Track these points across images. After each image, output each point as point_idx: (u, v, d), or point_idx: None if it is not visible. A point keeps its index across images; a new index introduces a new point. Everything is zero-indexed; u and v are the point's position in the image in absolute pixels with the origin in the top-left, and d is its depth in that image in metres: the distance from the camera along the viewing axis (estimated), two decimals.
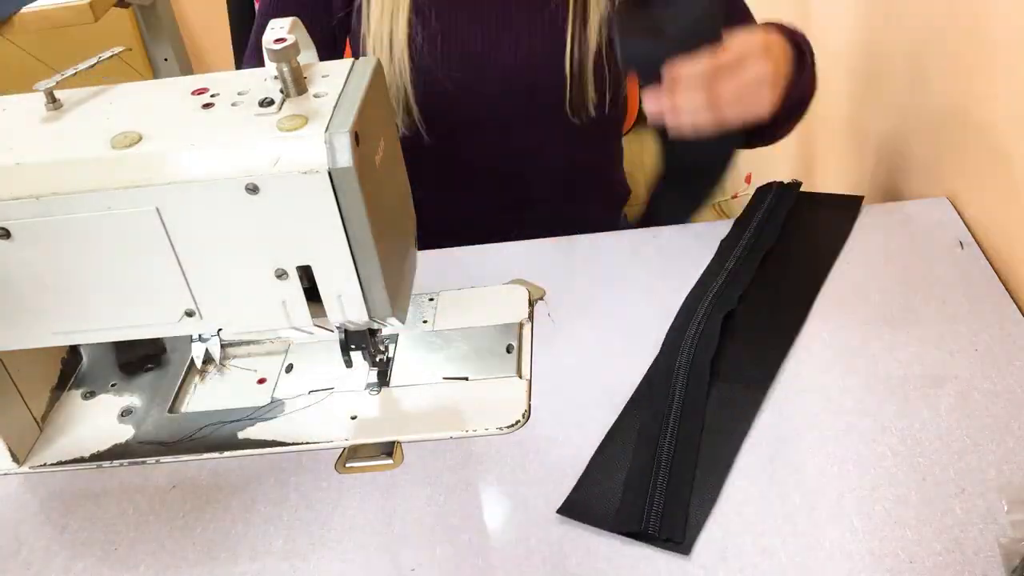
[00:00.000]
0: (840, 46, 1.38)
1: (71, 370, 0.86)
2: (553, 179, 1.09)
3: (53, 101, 0.65)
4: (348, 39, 1.05)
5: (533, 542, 0.65)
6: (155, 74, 2.50)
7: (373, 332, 0.75)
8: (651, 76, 0.76)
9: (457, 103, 1.00)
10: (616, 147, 1.19)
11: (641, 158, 2.78)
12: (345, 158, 0.58)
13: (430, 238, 0.91)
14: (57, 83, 0.65)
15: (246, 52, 1.07)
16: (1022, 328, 0.77)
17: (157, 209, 0.61)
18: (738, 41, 0.76)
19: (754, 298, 0.82)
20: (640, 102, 0.97)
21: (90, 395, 0.84)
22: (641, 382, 0.76)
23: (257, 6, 1.18)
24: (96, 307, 0.66)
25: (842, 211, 0.93)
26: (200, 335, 0.85)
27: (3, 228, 0.62)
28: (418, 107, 0.99)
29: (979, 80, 0.90)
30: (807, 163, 1.62)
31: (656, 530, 0.64)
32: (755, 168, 1.99)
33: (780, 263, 0.86)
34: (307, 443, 0.76)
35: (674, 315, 0.82)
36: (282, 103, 0.62)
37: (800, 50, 0.89)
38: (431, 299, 0.89)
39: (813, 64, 0.92)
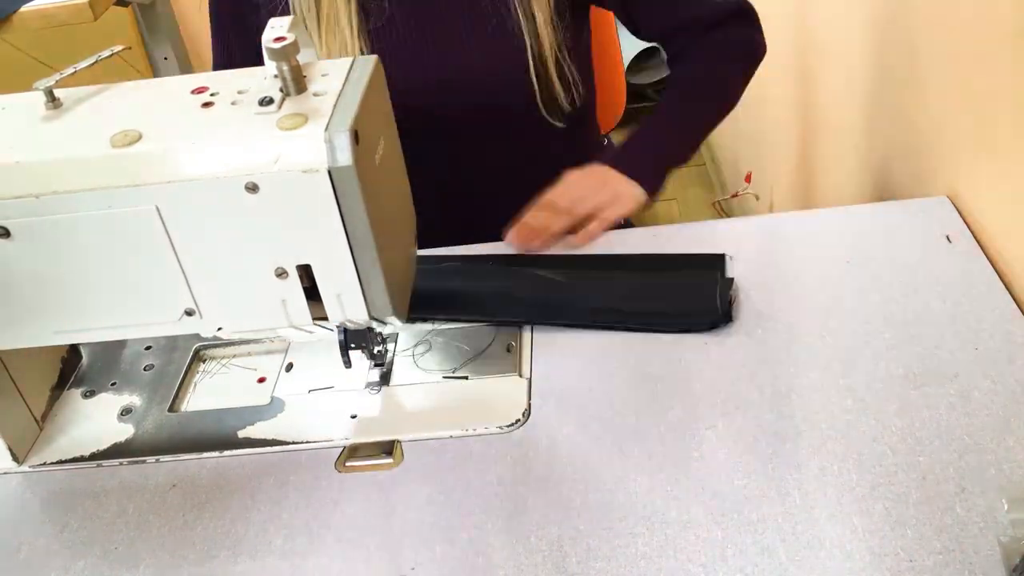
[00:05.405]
0: (840, 46, 1.38)
1: (71, 369, 0.86)
2: (535, 178, 1.09)
3: (53, 100, 0.65)
4: None
5: (533, 542, 0.65)
6: (155, 73, 2.50)
7: (373, 331, 0.75)
8: None
9: (431, 129, 1.00)
10: (598, 144, 1.20)
11: None
12: (345, 157, 0.58)
13: (431, 237, 0.91)
14: (57, 82, 0.65)
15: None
16: (1022, 327, 0.77)
17: (157, 208, 0.61)
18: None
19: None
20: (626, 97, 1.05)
21: (90, 394, 0.84)
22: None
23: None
24: (96, 306, 0.66)
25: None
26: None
27: (3, 227, 0.62)
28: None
29: (979, 79, 0.89)
30: (807, 163, 1.62)
31: None
32: (755, 167, 1.99)
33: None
34: (307, 442, 0.76)
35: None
36: (282, 102, 0.62)
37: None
38: None
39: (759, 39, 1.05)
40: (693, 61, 1.04)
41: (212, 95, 0.64)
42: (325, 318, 0.67)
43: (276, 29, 0.62)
